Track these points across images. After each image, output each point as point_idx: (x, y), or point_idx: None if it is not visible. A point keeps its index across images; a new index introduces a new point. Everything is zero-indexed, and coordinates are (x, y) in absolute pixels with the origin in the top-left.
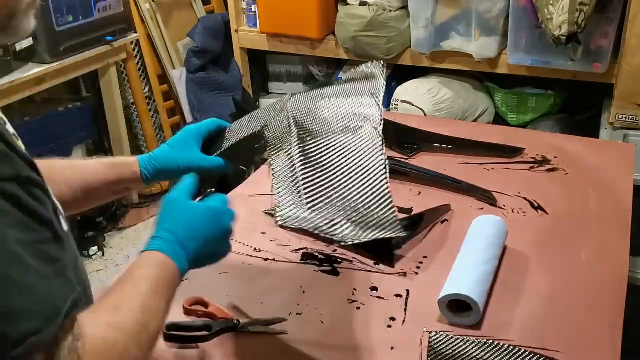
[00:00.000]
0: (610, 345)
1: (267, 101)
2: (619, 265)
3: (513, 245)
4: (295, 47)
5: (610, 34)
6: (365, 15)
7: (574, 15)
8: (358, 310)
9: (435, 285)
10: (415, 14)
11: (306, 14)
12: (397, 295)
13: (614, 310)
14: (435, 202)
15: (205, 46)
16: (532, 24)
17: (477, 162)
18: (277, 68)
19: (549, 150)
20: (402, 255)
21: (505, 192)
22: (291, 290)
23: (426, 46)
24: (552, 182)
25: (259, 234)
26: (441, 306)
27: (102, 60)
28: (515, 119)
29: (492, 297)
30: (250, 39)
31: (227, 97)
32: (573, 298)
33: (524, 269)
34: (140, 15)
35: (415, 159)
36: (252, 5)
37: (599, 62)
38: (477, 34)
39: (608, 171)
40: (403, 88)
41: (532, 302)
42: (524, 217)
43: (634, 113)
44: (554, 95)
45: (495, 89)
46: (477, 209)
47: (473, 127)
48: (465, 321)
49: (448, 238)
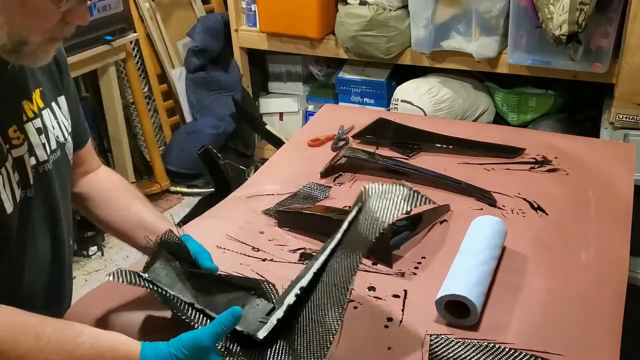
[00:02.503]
0: (610, 346)
1: (267, 101)
2: (619, 265)
3: (512, 246)
4: (295, 47)
5: (610, 34)
6: (366, 14)
7: (575, 15)
8: (356, 310)
9: (433, 286)
10: (415, 13)
11: (306, 13)
12: (395, 296)
13: (614, 311)
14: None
15: (205, 46)
16: (532, 24)
17: (477, 163)
18: (277, 68)
19: (549, 150)
20: (401, 255)
21: (505, 192)
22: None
23: (426, 46)
24: (552, 182)
25: (257, 234)
26: (439, 307)
27: (101, 60)
28: (516, 119)
29: (491, 298)
30: (250, 38)
31: (227, 97)
32: (573, 299)
33: (523, 269)
34: (140, 15)
35: (415, 159)
36: (252, 5)
37: (600, 62)
38: (478, 34)
39: (608, 171)
40: (403, 88)
41: (531, 303)
42: (523, 217)
43: (634, 113)
44: (554, 95)
45: (495, 88)
46: (477, 209)
47: (473, 127)
48: (463, 322)
49: (447, 239)
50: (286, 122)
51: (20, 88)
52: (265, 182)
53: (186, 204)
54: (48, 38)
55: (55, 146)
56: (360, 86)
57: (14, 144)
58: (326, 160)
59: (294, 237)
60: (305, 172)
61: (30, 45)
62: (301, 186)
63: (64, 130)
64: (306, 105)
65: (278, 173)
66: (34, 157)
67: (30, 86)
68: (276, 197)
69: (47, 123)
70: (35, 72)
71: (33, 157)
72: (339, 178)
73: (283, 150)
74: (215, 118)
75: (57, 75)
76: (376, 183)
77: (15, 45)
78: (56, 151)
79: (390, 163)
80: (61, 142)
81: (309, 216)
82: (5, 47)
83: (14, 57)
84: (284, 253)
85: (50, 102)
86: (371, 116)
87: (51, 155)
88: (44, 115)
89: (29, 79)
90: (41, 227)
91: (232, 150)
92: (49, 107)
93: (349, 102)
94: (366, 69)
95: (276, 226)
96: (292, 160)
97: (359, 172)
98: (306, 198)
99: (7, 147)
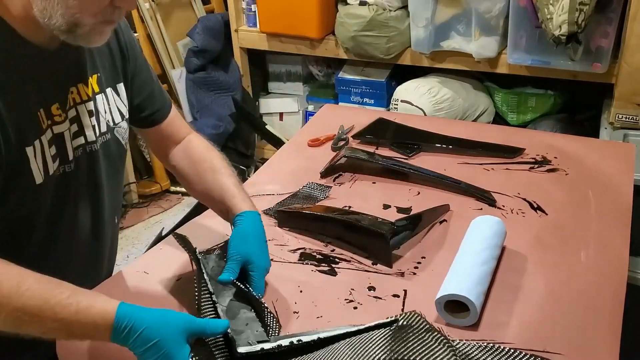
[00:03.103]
0: (610, 346)
1: (267, 101)
2: (619, 265)
3: (512, 246)
4: (295, 47)
5: (610, 34)
6: (365, 15)
7: (574, 15)
8: (356, 310)
9: (433, 286)
10: (415, 13)
11: (306, 14)
12: (395, 296)
13: (614, 311)
14: (435, 203)
15: (205, 46)
16: (532, 24)
17: (477, 163)
18: (277, 68)
19: (549, 150)
20: (401, 255)
21: (505, 192)
22: (289, 290)
23: (426, 46)
24: (552, 182)
25: None
26: (438, 307)
27: None
28: (516, 119)
29: (491, 298)
30: (250, 39)
31: (227, 97)
32: (572, 299)
33: (523, 269)
34: (140, 15)
35: (415, 159)
36: (252, 5)
37: (599, 62)
38: (477, 34)
39: (608, 171)
40: (403, 88)
41: (530, 303)
42: (523, 217)
43: (634, 113)
44: (554, 95)
45: (495, 88)
46: (477, 209)
47: (473, 127)
48: (462, 322)
49: (447, 239)
50: (286, 122)
51: (75, 71)
52: (265, 182)
53: (186, 204)
54: (101, 21)
55: (105, 129)
56: (360, 86)
57: (55, 120)
58: (326, 160)
59: (294, 237)
60: (305, 172)
61: (84, 27)
62: (301, 186)
63: (117, 115)
64: (306, 105)
65: (278, 173)
66: (83, 136)
67: (87, 71)
68: (276, 197)
69: (100, 107)
70: (96, 58)
71: (82, 137)
72: (339, 178)
73: (283, 150)
74: (215, 118)
75: (120, 62)
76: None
77: (69, 26)
78: (106, 134)
79: (390, 163)
80: (111, 126)
81: (309, 216)
82: (62, 28)
83: (71, 38)
84: (284, 253)
85: (106, 88)
86: (371, 116)
87: (100, 137)
88: (98, 100)
89: (87, 65)
90: (83, 203)
91: (232, 150)
92: (103, 92)
93: (349, 102)
94: (366, 69)
95: (276, 226)
96: (292, 160)
97: (359, 172)
98: (306, 198)
99: (48, 123)
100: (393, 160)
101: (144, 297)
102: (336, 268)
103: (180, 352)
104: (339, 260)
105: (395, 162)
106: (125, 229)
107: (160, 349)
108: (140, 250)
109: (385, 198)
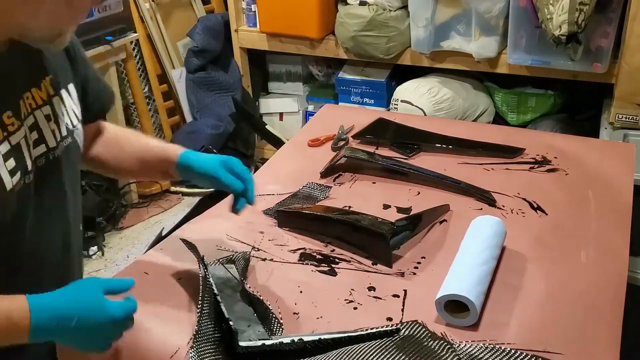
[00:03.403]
0: (610, 346)
1: (267, 101)
2: (619, 265)
3: (512, 246)
4: (295, 47)
5: (610, 34)
6: (365, 15)
7: (574, 15)
8: (355, 310)
9: (433, 286)
10: (415, 13)
11: (306, 14)
12: (395, 296)
13: (614, 311)
14: (435, 203)
15: (205, 46)
16: (532, 24)
17: (477, 163)
18: (277, 68)
19: (549, 150)
20: (401, 255)
21: (505, 192)
22: (289, 290)
23: (426, 46)
24: (552, 182)
25: (257, 234)
26: (438, 307)
27: (102, 60)
28: (516, 119)
29: (491, 298)
30: (250, 39)
31: (227, 97)
32: (573, 299)
33: (523, 269)
34: (140, 15)
35: (415, 159)
36: (252, 5)
37: (599, 62)
38: (477, 34)
39: (608, 171)
40: (403, 88)
41: (530, 303)
42: (523, 217)
43: (634, 113)
44: (554, 95)
45: (495, 88)
46: (477, 209)
47: (473, 127)
48: (462, 322)
49: (447, 239)
50: (286, 122)
51: (27, 76)
52: (265, 182)
53: (186, 204)
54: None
55: (66, 133)
56: (360, 86)
57: (9, 130)
58: (326, 160)
59: (294, 237)
60: (305, 172)
61: (65, 35)
62: (301, 186)
63: (74, 117)
64: (306, 105)
65: (278, 173)
66: (44, 144)
67: (40, 74)
68: (276, 197)
69: (57, 110)
70: (44, 60)
71: (44, 145)
72: (339, 178)
73: (283, 150)
74: (215, 118)
75: (68, 62)
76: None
77: (54, 36)
78: (66, 138)
79: (390, 163)
80: (70, 129)
81: (309, 216)
82: (45, 38)
83: (47, 46)
84: (284, 253)
85: (60, 90)
86: (371, 116)
87: (61, 142)
88: (54, 103)
89: (38, 68)
90: (48, 215)
91: (232, 150)
92: (58, 94)
93: (349, 102)
94: (366, 69)
95: (276, 226)
96: (292, 160)
97: (358, 172)
98: (306, 198)
99: (4, 134)
100: (393, 160)
101: (144, 297)
102: (336, 268)
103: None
104: (339, 260)
105: (395, 162)
106: (125, 229)
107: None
108: (140, 250)
109: (385, 198)
